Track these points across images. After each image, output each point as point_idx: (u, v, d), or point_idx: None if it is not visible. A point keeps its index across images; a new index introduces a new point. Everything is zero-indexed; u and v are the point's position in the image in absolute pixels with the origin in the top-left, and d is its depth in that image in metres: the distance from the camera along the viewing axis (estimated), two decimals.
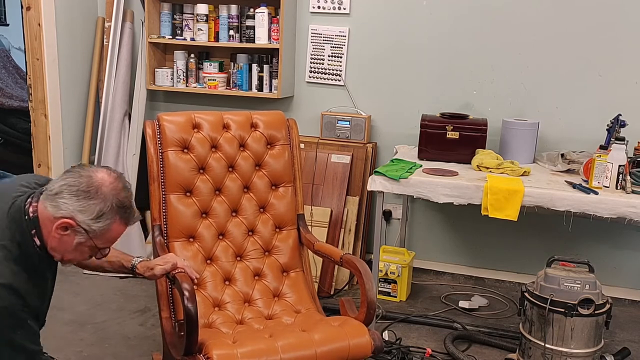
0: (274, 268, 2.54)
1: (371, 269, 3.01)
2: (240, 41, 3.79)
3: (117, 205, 1.66)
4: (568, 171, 3.06)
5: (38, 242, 1.67)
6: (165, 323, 2.30)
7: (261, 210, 2.60)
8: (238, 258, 2.53)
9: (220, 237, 2.53)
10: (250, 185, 2.59)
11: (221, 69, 3.94)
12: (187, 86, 3.99)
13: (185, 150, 2.51)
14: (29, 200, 1.68)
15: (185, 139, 2.51)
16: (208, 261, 2.49)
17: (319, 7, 3.77)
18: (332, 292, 3.54)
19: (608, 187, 2.70)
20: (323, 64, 3.83)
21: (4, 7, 6.61)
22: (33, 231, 1.66)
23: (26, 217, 1.66)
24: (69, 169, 1.71)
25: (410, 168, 2.98)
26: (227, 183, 2.55)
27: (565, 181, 2.86)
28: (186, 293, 1.92)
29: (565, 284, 2.52)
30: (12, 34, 6.31)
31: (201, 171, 2.53)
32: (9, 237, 1.64)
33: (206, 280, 2.44)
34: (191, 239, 2.49)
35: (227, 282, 2.48)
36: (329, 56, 3.81)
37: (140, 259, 2.06)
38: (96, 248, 1.71)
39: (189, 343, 1.93)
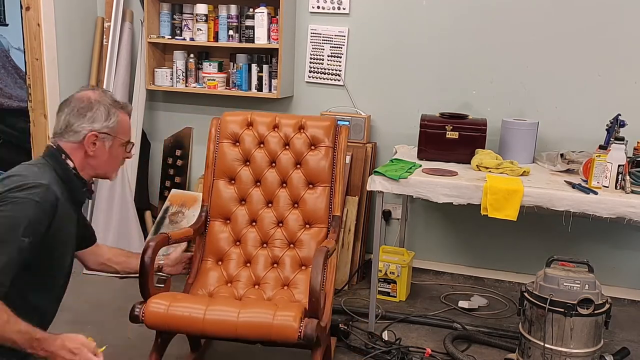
0: (292, 260, 2.68)
1: (371, 269, 3.02)
2: (240, 41, 3.79)
3: (112, 101, 1.97)
4: (567, 171, 3.06)
5: (73, 169, 1.90)
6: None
7: (295, 205, 2.75)
8: (264, 245, 2.73)
9: (253, 223, 2.76)
10: (287, 181, 2.78)
11: (220, 69, 3.94)
12: (186, 86, 3.99)
13: (237, 144, 2.80)
14: (50, 153, 1.91)
15: (237, 133, 2.80)
16: (237, 243, 2.74)
17: (318, 7, 3.77)
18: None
19: (607, 187, 2.71)
20: (322, 64, 3.83)
21: (4, 7, 6.58)
22: (72, 165, 1.91)
23: (61, 156, 1.89)
24: (58, 111, 1.95)
25: (410, 168, 2.98)
26: (266, 176, 2.78)
27: (565, 181, 2.86)
28: (147, 248, 2.28)
29: (565, 283, 2.52)
30: (11, 34, 6.28)
31: (247, 163, 2.80)
32: (52, 176, 1.85)
33: (230, 258, 2.70)
34: (227, 221, 2.77)
35: (248, 265, 2.69)
36: (328, 56, 3.81)
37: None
38: (124, 142, 2.02)
39: (140, 288, 2.26)
